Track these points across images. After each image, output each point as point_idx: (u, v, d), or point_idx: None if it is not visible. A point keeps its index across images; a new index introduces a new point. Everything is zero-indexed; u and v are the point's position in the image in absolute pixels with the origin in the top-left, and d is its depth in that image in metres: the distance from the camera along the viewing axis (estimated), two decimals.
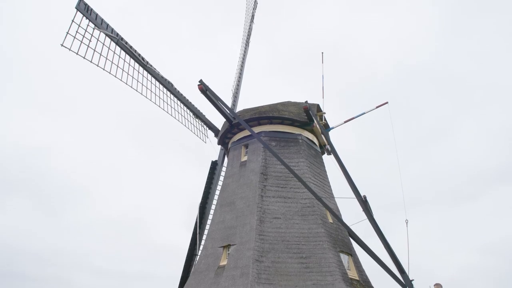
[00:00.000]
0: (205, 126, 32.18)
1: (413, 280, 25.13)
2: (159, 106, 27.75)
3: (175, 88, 29.00)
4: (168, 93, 28.56)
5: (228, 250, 24.50)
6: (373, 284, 25.93)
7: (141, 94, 26.08)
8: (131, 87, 25.49)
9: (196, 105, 30.98)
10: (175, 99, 29.08)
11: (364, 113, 30.21)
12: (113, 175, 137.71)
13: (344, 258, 24.78)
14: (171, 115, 28.75)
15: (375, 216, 26.45)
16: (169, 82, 28.48)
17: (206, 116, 32.16)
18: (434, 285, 13.38)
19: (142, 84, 26.38)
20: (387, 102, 29.76)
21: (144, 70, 26.77)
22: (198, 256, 28.06)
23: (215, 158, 33.75)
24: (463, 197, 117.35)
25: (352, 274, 24.64)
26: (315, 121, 28.46)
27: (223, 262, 24.11)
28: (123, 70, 25.06)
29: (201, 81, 27.29)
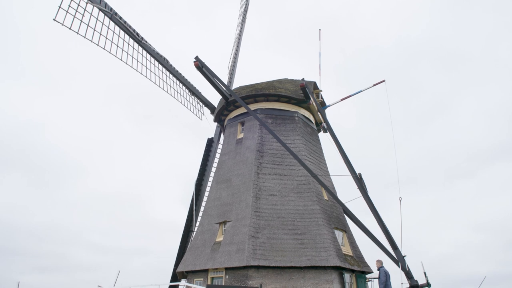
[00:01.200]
0: (201, 103, 31.98)
1: (405, 256, 25.62)
2: (155, 83, 27.47)
3: (171, 65, 28.65)
4: (164, 69, 28.22)
5: (224, 227, 24.78)
6: (366, 260, 26.43)
7: (136, 70, 25.75)
8: (126, 63, 25.13)
9: (192, 82, 30.70)
10: (171, 75, 28.77)
11: (361, 91, 30.12)
12: (108, 150, 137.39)
13: (339, 234, 25.15)
14: (167, 92, 28.50)
15: (369, 194, 26.73)
16: (164, 58, 28.11)
17: (202, 93, 31.93)
18: (376, 261, 13.53)
19: (137, 61, 26.01)
20: (384, 80, 29.64)
21: (139, 46, 26.35)
22: (195, 232, 28.37)
23: (211, 135, 33.74)
24: (459, 175, 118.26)
25: (346, 250, 25.06)
26: (311, 98, 28.39)
27: (219, 238, 24.42)
28: (117, 46, 24.65)
29: (197, 57, 26.99)
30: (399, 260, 25.04)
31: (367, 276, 27.28)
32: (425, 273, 25.88)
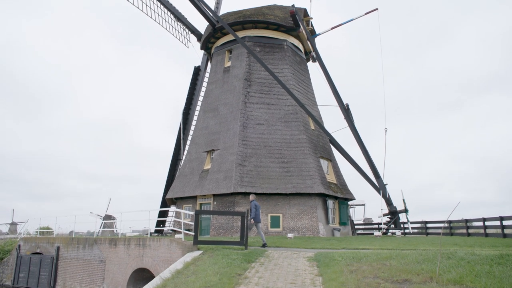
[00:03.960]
0: (187, 30, 30.82)
1: (387, 184, 26.62)
2: (138, 8, 26.21)
3: None
4: None
5: (212, 155, 25.09)
6: (349, 188, 27.38)
7: None
8: None
9: (177, 8, 29.34)
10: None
11: (352, 20, 29.24)
12: (93, 75, 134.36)
13: (324, 163, 25.74)
14: (151, 17, 27.30)
15: (356, 124, 27.04)
16: None
17: (188, 20, 30.68)
18: (250, 196, 14.59)
19: None
20: (377, 9, 28.70)
21: None
22: (183, 161, 28.74)
23: (198, 63, 32.96)
24: (449, 105, 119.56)
25: (331, 178, 25.82)
26: (301, 26, 27.53)
27: (207, 166, 24.83)
28: None
29: None
30: (381, 188, 26.03)
31: (349, 202, 28.44)
32: (404, 200, 27.11)
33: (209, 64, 31.73)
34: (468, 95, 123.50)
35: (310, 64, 31.26)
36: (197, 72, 32.48)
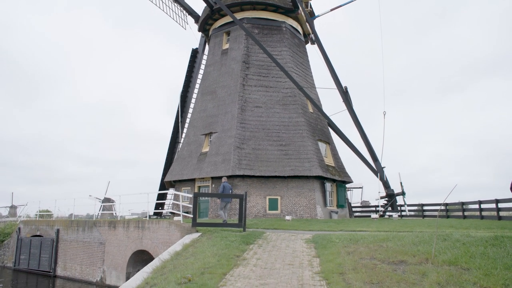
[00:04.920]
0: (184, 12, 30.45)
1: (384, 167, 26.77)
2: None
3: None
4: None
5: (210, 138, 25.09)
6: (347, 171, 27.50)
7: None
8: None
9: None
10: None
11: (352, 1, 28.91)
12: (90, 57, 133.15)
13: (322, 146, 25.79)
14: None
15: (355, 107, 27.02)
16: None
17: (186, 1, 30.30)
18: (223, 178, 15.31)
19: None
20: None
21: None
22: (181, 144, 28.75)
23: (196, 45, 32.68)
24: (450, 88, 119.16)
25: (329, 161, 25.91)
26: (300, 8, 27.22)
27: (205, 149, 24.86)
28: None
29: None
30: (378, 171, 26.18)
31: (347, 185, 28.62)
32: (401, 183, 27.31)
33: (207, 46, 31.44)
34: (469, 77, 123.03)
35: (309, 47, 31.05)
36: (195, 55, 32.22)
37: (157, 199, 28.16)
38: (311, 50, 30.46)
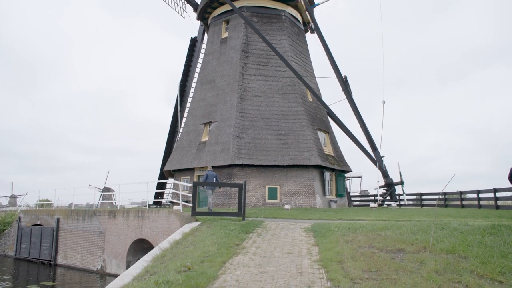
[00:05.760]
0: (183, 0, 30.22)
1: (383, 156, 26.81)
2: None
3: None
4: None
5: (209, 127, 25.07)
6: (346, 160, 27.55)
7: None
8: None
9: None
10: None
11: None
12: (89, 46, 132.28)
13: (321, 135, 25.79)
14: None
15: (354, 97, 26.96)
16: None
17: None
18: (207, 167, 15.66)
19: None
20: None
21: None
22: (180, 133, 28.74)
23: (195, 34, 32.47)
24: (450, 77, 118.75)
25: (328, 150, 25.94)
26: None
27: (205, 138, 24.86)
28: None
29: None
30: (377, 160, 26.22)
31: (346, 175, 28.69)
32: (400, 172, 27.41)
33: (206, 35, 31.25)
34: (470, 66, 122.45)
35: (308, 35, 30.85)
36: (194, 43, 32.03)
37: (157, 189, 28.24)
38: (311, 39, 30.34)
